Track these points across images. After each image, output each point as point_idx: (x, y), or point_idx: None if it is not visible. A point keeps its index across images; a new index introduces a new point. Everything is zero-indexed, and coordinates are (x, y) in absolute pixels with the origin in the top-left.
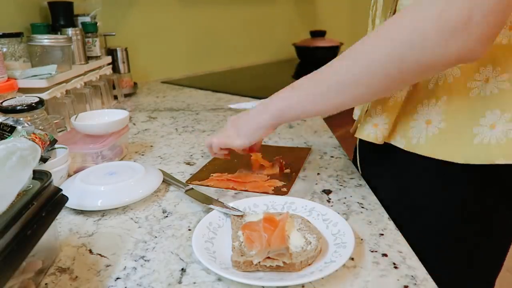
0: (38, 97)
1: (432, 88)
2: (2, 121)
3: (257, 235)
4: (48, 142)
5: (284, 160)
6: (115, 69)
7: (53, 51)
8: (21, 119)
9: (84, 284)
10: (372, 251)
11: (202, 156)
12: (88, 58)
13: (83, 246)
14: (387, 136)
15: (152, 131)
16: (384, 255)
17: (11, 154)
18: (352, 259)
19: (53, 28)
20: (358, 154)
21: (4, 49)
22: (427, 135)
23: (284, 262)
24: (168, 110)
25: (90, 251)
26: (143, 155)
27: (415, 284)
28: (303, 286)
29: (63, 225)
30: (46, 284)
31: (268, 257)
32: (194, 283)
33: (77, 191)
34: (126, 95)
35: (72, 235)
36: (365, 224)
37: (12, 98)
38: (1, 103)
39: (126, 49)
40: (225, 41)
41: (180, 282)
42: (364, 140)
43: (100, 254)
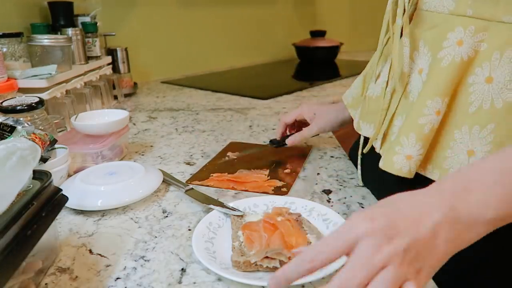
0: (38, 97)
1: (474, 112)
2: (2, 121)
3: (257, 235)
4: (48, 142)
5: (285, 161)
6: (115, 69)
7: (53, 51)
8: (21, 119)
9: (84, 284)
10: None
11: (202, 156)
12: (88, 58)
13: (83, 246)
14: (418, 166)
15: (152, 131)
16: None
17: (11, 154)
18: None
19: (53, 28)
20: (360, 164)
21: (4, 49)
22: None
23: (282, 261)
24: (168, 110)
25: (90, 251)
26: (143, 155)
27: None
28: (303, 286)
29: (63, 225)
30: (46, 284)
31: (267, 257)
32: (194, 283)
33: (77, 191)
34: (126, 95)
35: (72, 235)
36: None
37: (12, 98)
38: (1, 103)
39: (126, 49)
40: (225, 41)
41: (180, 282)
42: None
43: (100, 254)
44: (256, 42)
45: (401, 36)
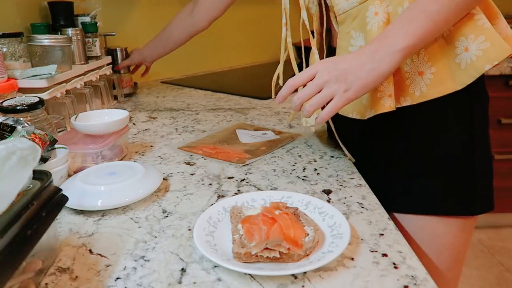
0: (38, 97)
1: None
2: (2, 121)
3: (257, 228)
4: (48, 142)
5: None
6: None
7: (53, 51)
8: (21, 119)
9: (84, 284)
10: (372, 251)
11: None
12: (88, 58)
13: (83, 246)
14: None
15: (152, 131)
16: (384, 255)
17: (11, 154)
18: (352, 259)
19: (53, 28)
20: (340, 141)
21: (4, 49)
22: (426, 83)
23: (281, 253)
24: (168, 110)
25: (90, 251)
26: (143, 155)
27: (415, 284)
28: (303, 286)
29: (63, 225)
30: (46, 284)
31: (267, 248)
32: (194, 283)
33: (77, 191)
34: (126, 95)
35: (72, 235)
36: (365, 224)
37: (12, 98)
38: (1, 103)
39: (126, 49)
40: (225, 41)
41: (180, 282)
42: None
43: (100, 254)
44: (256, 42)
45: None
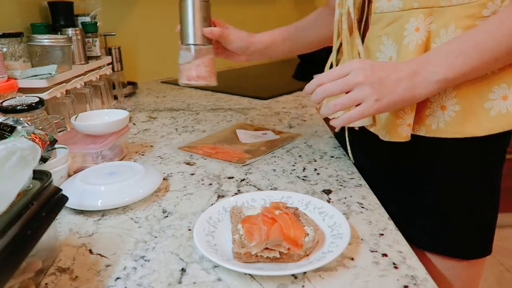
0: (38, 97)
1: None
2: (2, 121)
3: (257, 228)
4: (48, 142)
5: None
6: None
7: (53, 51)
8: (21, 119)
9: (84, 284)
10: (372, 251)
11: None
12: (88, 58)
13: (83, 246)
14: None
15: (152, 131)
16: (384, 255)
17: (11, 154)
18: (352, 259)
19: (53, 28)
20: (348, 141)
21: (4, 49)
22: (445, 120)
23: (281, 253)
24: (168, 110)
25: (90, 251)
26: (143, 155)
27: (415, 284)
28: (303, 286)
29: (63, 225)
30: (46, 284)
31: (267, 248)
32: (194, 283)
33: (77, 191)
34: (126, 95)
35: (72, 235)
36: (365, 224)
37: (12, 98)
38: (1, 103)
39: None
40: None
41: (180, 282)
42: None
43: (100, 254)
44: None
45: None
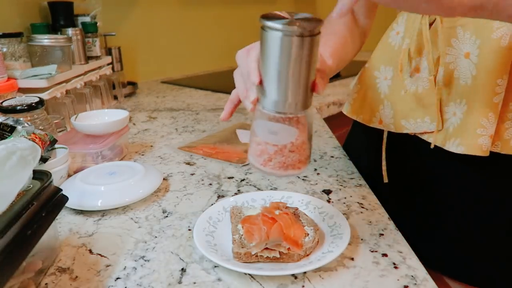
0: (38, 97)
1: None
2: (2, 121)
3: (257, 228)
4: (48, 142)
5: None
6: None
7: (53, 51)
8: (21, 119)
9: (84, 284)
10: (372, 251)
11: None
12: (88, 58)
13: (83, 246)
14: None
15: (152, 131)
16: (384, 255)
17: (11, 154)
18: (352, 259)
19: (53, 28)
20: (385, 156)
21: (4, 49)
22: None
23: (281, 253)
24: (168, 110)
25: (90, 251)
26: (143, 155)
27: (415, 284)
28: (303, 286)
29: (63, 225)
30: (46, 284)
31: (267, 248)
32: (194, 283)
33: (77, 191)
34: (126, 95)
35: (72, 235)
36: (365, 224)
37: (12, 98)
38: (1, 103)
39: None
40: (225, 41)
41: (180, 282)
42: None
43: (100, 254)
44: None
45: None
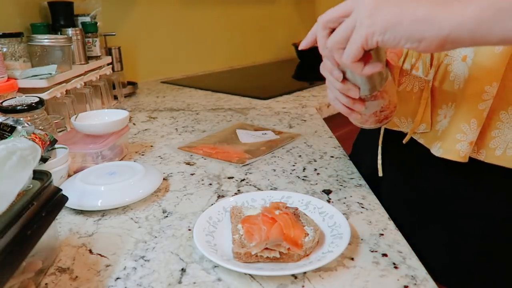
0: (38, 97)
1: None
2: (2, 121)
3: (257, 228)
4: (48, 142)
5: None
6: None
7: (53, 51)
8: (21, 119)
9: (84, 284)
10: (372, 251)
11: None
12: (88, 58)
13: (83, 246)
14: None
15: (152, 131)
16: (384, 255)
17: (11, 154)
18: (352, 259)
19: (53, 28)
20: (380, 150)
21: (4, 49)
22: None
23: (281, 253)
24: (168, 110)
25: (90, 251)
26: (143, 155)
27: (415, 284)
28: (303, 286)
29: (63, 225)
30: (46, 284)
31: (267, 248)
32: (194, 283)
33: (77, 191)
34: (126, 95)
35: (72, 235)
36: (365, 224)
37: (12, 98)
38: (1, 103)
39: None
40: (225, 41)
41: (180, 282)
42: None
43: (100, 254)
44: (256, 42)
45: None
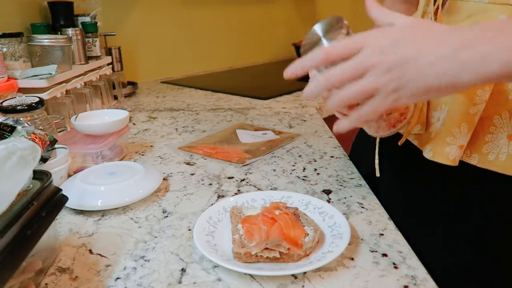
0: (38, 97)
1: None
2: (2, 121)
3: (257, 228)
4: (48, 142)
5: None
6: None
7: (53, 51)
8: (21, 119)
9: (84, 284)
10: (372, 251)
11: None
12: (88, 58)
13: (83, 246)
14: None
15: (152, 131)
16: (384, 255)
17: (11, 154)
18: (352, 259)
19: (53, 28)
20: (378, 155)
21: (4, 49)
22: (509, 152)
23: (281, 253)
24: (168, 110)
25: (90, 251)
26: (143, 155)
27: (415, 284)
28: (303, 286)
29: (63, 225)
30: (46, 284)
31: (267, 248)
32: (194, 283)
33: (77, 191)
34: (126, 95)
35: (72, 235)
36: (365, 224)
37: (12, 98)
38: (1, 103)
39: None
40: (225, 41)
41: (180, 282)
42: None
43: (100, 254)
44: (256, 42)
45: None
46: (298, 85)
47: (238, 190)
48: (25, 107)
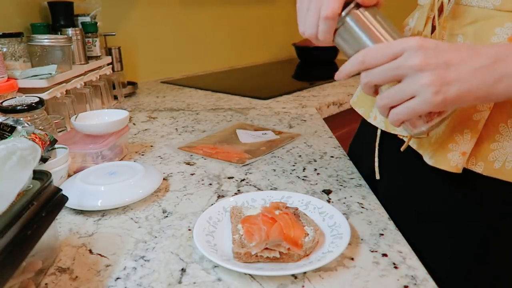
0: (38, 97)
1: None
2: (2, 121)
3: (257, 228)
4: (48, 142)
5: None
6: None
7: (53, 51)
8: (21, 119)
9: (84, 284)
10: (372, 251)
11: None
12: (88, 58)
13: (83, 246)
14: None
15: (152, 131)
16: (384, 255)
17: (11, 154)
18: (352, 259)
19: (53, 28)
20: (377, 158)
21: (4, 49)
22: None
23: (281, 253)
24: (168, 110)
25: (90, 251)
26: (143, 155)
27: (415, 284)
28: (303, 286)
29: (63, 225)
30: (46, 284)
31: (267, 248)
32: (194, 283)
33: (77, 191)
34: (126, 95)
35: (72, 235)
36: (365, 224)
37: (12, 98)
38: (1, 103)
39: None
40: (225, 41)
41: (180, 282)
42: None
43: (100, 254)
44: (256, 42)
45: (432, 32)
46: (298, 85)
47: (238, 190)
48: (25, 107)
